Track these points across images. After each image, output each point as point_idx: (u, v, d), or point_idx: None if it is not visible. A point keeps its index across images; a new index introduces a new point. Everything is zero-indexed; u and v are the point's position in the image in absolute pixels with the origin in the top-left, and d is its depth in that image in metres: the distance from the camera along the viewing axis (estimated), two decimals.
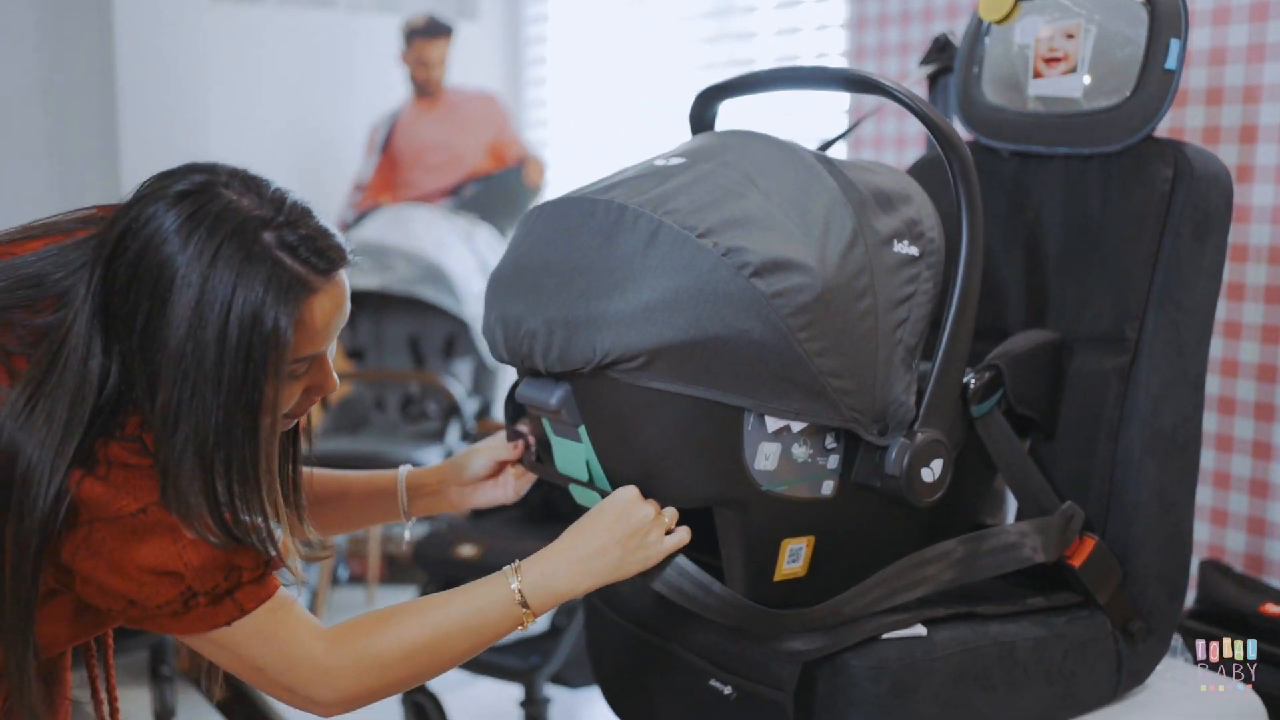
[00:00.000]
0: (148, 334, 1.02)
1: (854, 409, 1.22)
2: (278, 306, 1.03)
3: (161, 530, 1.03)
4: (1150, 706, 1.47)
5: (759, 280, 1.14)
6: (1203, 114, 2.11)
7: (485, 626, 1.16)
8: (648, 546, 1.22)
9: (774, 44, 3.40)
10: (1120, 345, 1.44)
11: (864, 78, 1.29)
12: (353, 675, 1.11)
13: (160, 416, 1.02)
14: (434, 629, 1.14)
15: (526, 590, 1.17)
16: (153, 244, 1.02)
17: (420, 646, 1.13)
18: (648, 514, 1.21)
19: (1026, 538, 1.36)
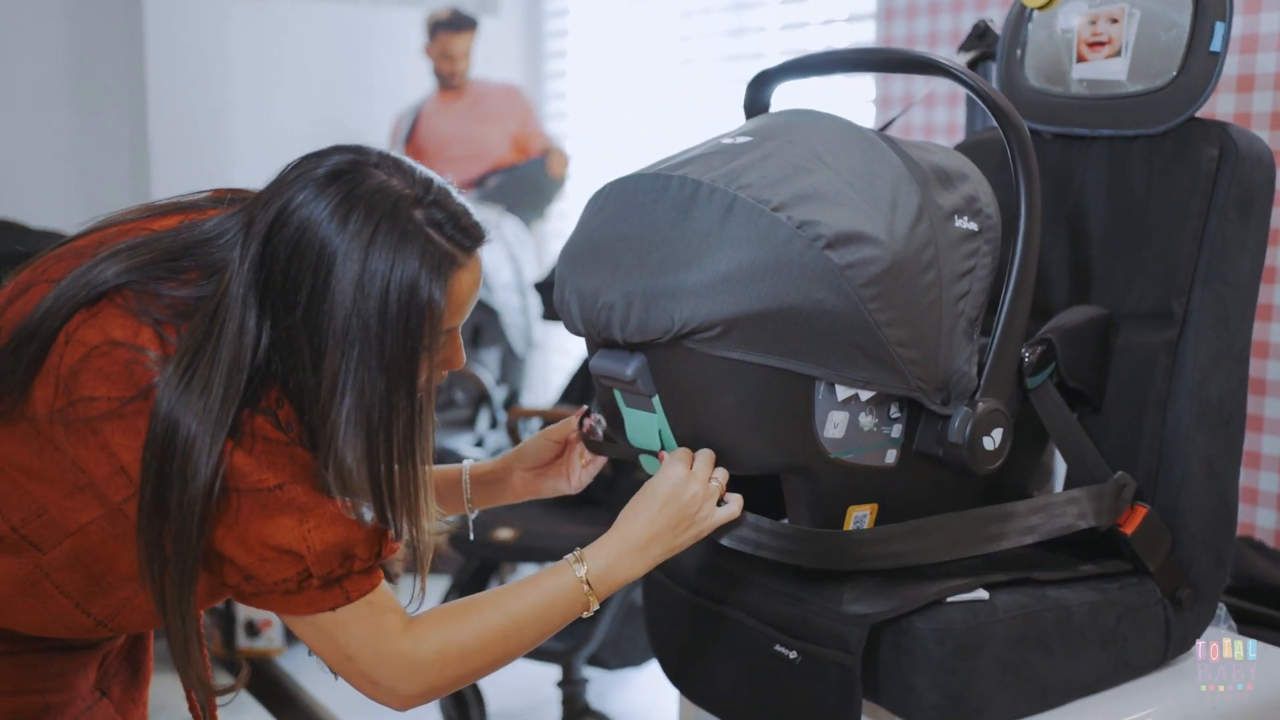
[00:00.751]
0: (311, 309, 1.06)
1: (920, 378, 1.27)
2: (431, 280, 1.08)
3: (293, 509, 1.06)
4: (1197, 673, 1.51)
5: (832, 252, 1.18)
6: (1234, 101, 2.15)
7: (554, 614, 1.20)
8: (700, 522, 1.26)
9: (799, 36, 3.44)
10: (1168, 320, 1.48)
11: (924, 59, 1.33)
12: (436, 668, 1.14)
13: (327, 386, 1.06)
14: (509, 618, 1.18)
15: (591, 578, 1.21)
16: (311, 224, 1.06)
17: (497, 636, 1.17)
18: (697, 492, 1.25)
19: (1081, 503, 1.41)
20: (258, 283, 1.07)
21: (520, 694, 2.97)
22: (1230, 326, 1.48)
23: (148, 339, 1.05)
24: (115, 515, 1.08)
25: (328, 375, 1.06)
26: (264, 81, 4.07)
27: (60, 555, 1.10)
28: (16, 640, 1.16)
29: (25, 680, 1.18)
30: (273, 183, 1.12)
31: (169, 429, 1.02)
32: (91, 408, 1.04)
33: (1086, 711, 1.40)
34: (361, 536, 1.10)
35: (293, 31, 4.16)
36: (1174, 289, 1.48)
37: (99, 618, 1.14)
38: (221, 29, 3.79)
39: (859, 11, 3.22)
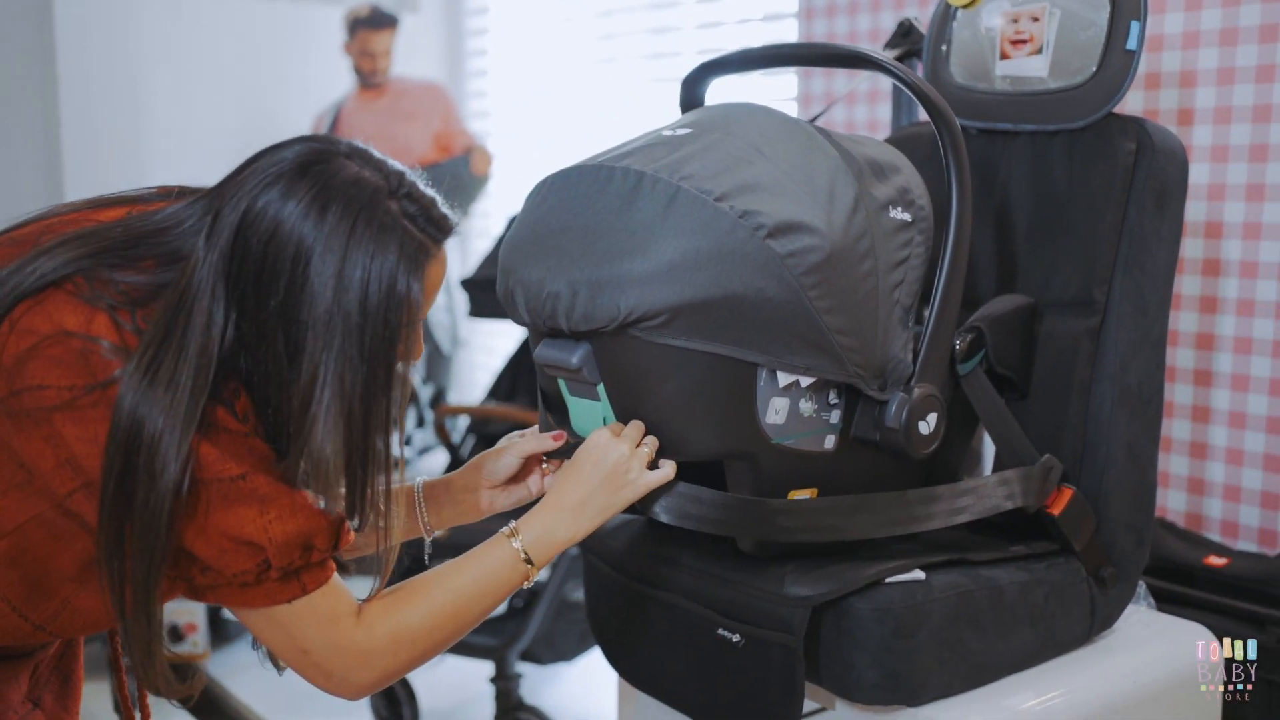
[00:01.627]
0: (289, 301, 1.05)
1: (858, 365, 1.30)
2: (409, 273, 1.08)
3: (254, 500, 1.05)
4: (1119, 649, 1.57)
5: (773, 241, 1.21)
6: (1176, 96, 2.22)
7: (497, 586, 1.21)
8: (632, 482, 1.26)
9: (723, 35, 3.47)
10: (1090, 308, 1.54)
11: (863, 54, 1.36)
12: (389, 654, 1.14)
13: (306, 378, 1.05)
14: (454, 596, 1.18)
15: (528, 547, 1.22)
16: (288, 216, 1.05)
17: (445, 615, 1.17)
18: (623, 451, 1.26)
19: (1010, 485, 1.45)
20: (227, 274, 1.06)
21: (453, 691, 2.97)
22: (1148, 314, 1.54)
23: (102, 326, 1.03)
24: (53, 513, 1.05)
25: (307, 367, 1.05)
26: (179, 78, 3.99)
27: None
28: None
29: None
30: (235, 173, 1.11)
31: (134, 424, 1.00)
32: (41, 397, 1.01)
33: (1017, 687, 1.45)
34: (321, 527, 1.09)
35: (209, 27, 4.09)
36: (1095, 278, 1.54)
37: (37, 621, 1.11)
38: (134, 24, 3.71)
39: (778, 11, 3.26)
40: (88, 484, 1.03)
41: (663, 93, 3.70)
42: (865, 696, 1.35)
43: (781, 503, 1.33)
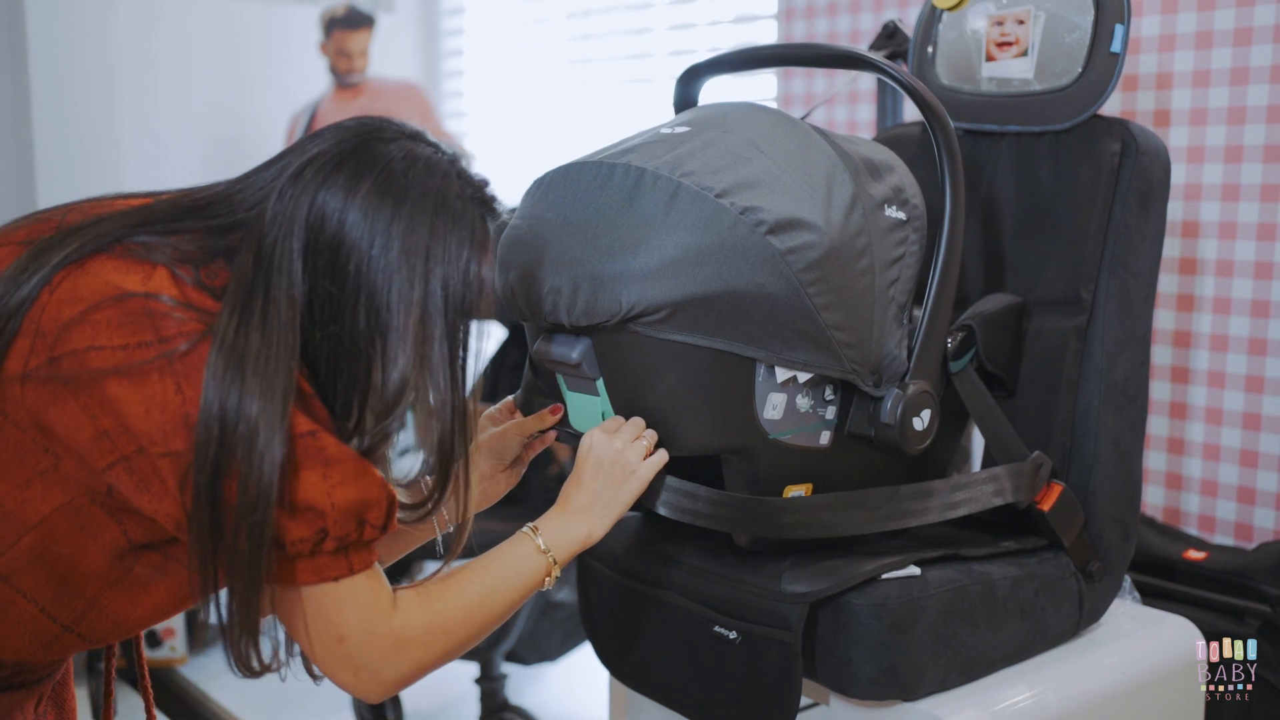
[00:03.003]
0: (370, 286, 1.05)
1: (854, 361, 1.32)
2: (479, 256, 1.10)
3: (320, 460, 1.01)
4: (1107, 642, 1.59)
5: (773, 237, 1.22)
6: (1153, 98, 2.26)
7: (522, 582, 1.20)
8: (634, 473, 1.27)
9: (703, 36, 3.49)
10: (1077, 306, 1.56)
11: (858, 55, 1.38)
12: (424, 645, 1.10)
13: (393, 359, 1.05)
14: (484, 590, 1.16)
15: (550, 545, 1.23)
16: (362, 200, 1.06)
17: (475, 608, 1.15)
18: (616, 446, 1.27)
19: (1001, 481, 1.47)
20: (305, 250, 1.05)
21: (437, 692, 2.97)
22: (1134, 312, 1.57)
23: (163, 281, 1.00)
24: (83, 499, 1.01)
25: (396, 347, 1.05)
26: (153, 78, 3.96)
27: (20, 554, 1.02)
28: None
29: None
30: (293, 149, 1.10)
31: (226, 408, 0.97)
32: (88, 360, 0.96)
33: (1008, 681, 1.47)
34: (378, 499, 1.05)
35: (184, 27, 4.06)
36: (1082, 277, 1.56)
37: (65, 621, 1.06)
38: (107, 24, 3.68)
39: (754, 13, 3.28)
40: (129, 457, 0.98)
41: (638, 93, 3.71)
42: (862, 691, 1.37)
43: (780, 501, 1.34)
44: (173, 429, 0.97)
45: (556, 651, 2.80)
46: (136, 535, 1.04)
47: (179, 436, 0.97)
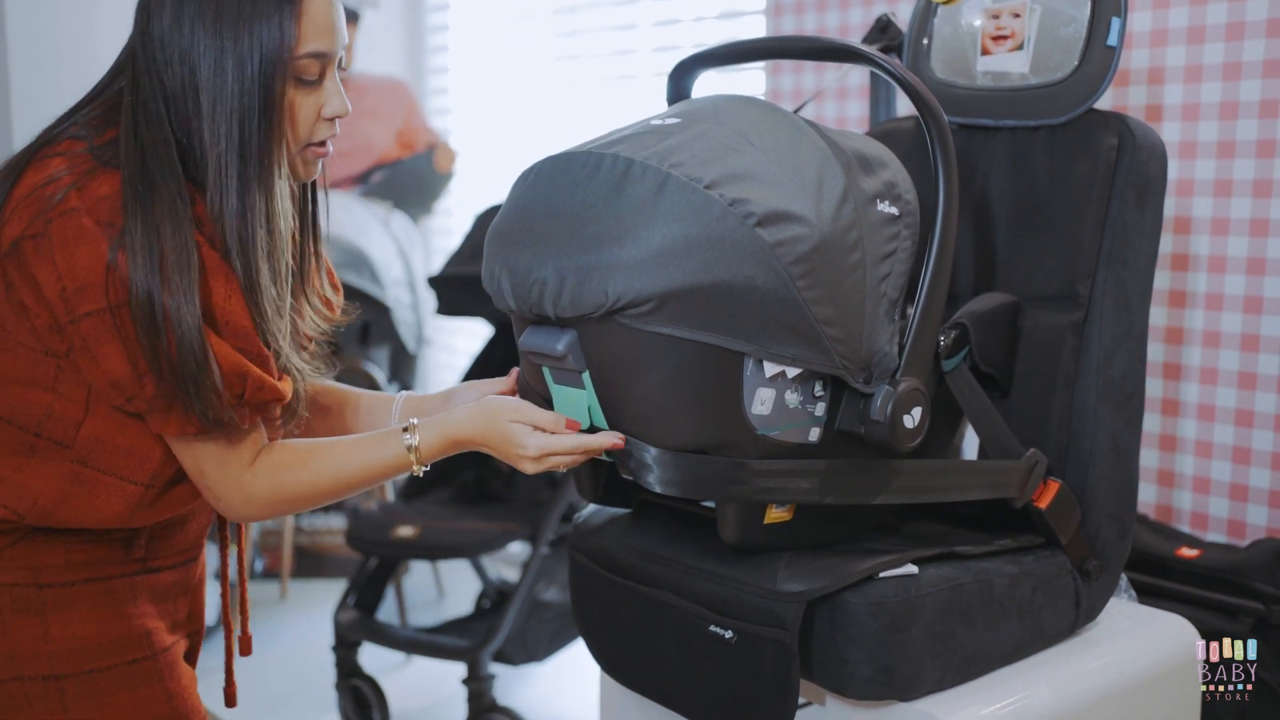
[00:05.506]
0: (200, 97, 1.21)
1: (844, 357, 1.30)
2: (280, 8, 1.21)
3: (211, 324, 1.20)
4: (1103, 641, 1.58)
5: (762, 230, 1.20)
6: (1145, 93, 2.25)
7: (379, 476, 1.33)
8: (514, 461, 1.33)
9: (689, 32, 3.47)
10: (1073, 302, 1.55)
11: (849, 47, 1.36)
12: (266, 504, 1.28)
13: (212, 134, 1.21)
14: (338, 475, 1.30)
15: (421, 446, 1.32)
16: (172, 24, 1.22)
17: (324, 491, 1.31)
18: (521, 443, 1.31)
19: (993, 474, 1.46)
20: (152, 94, 1.23)
21: (424, 692, 2.95)
22: (1130, 308, 1.55)
23: (57, 166, 1.19)
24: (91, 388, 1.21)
25: (219, 122, 1.21)
26: None
27: (85, 441, 1.21)
28: (95, 564, 1.28)
29: (119, 605, 1.30)
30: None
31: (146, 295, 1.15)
32: (21, 247, 1.17)
33: (1005, 680, 1.45)
34: (254, 370, 1.21)
35: None
36: (1078, 272, 1.55)
37: (143, 480, 1.24)
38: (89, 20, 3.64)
39: (743, 8, 3.27)
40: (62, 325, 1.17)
41: (624, 90, 3.69)
42: (859, 691, 1.35)
43: (761, 464, 1.31)
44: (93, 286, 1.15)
45: (544, 652, 2.78)
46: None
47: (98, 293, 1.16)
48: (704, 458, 1.29)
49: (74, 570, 1.28)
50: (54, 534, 1.27)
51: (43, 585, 1.27)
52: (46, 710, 1.27)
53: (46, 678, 1.26)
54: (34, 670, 1.26)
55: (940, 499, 1.44)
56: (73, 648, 1.27)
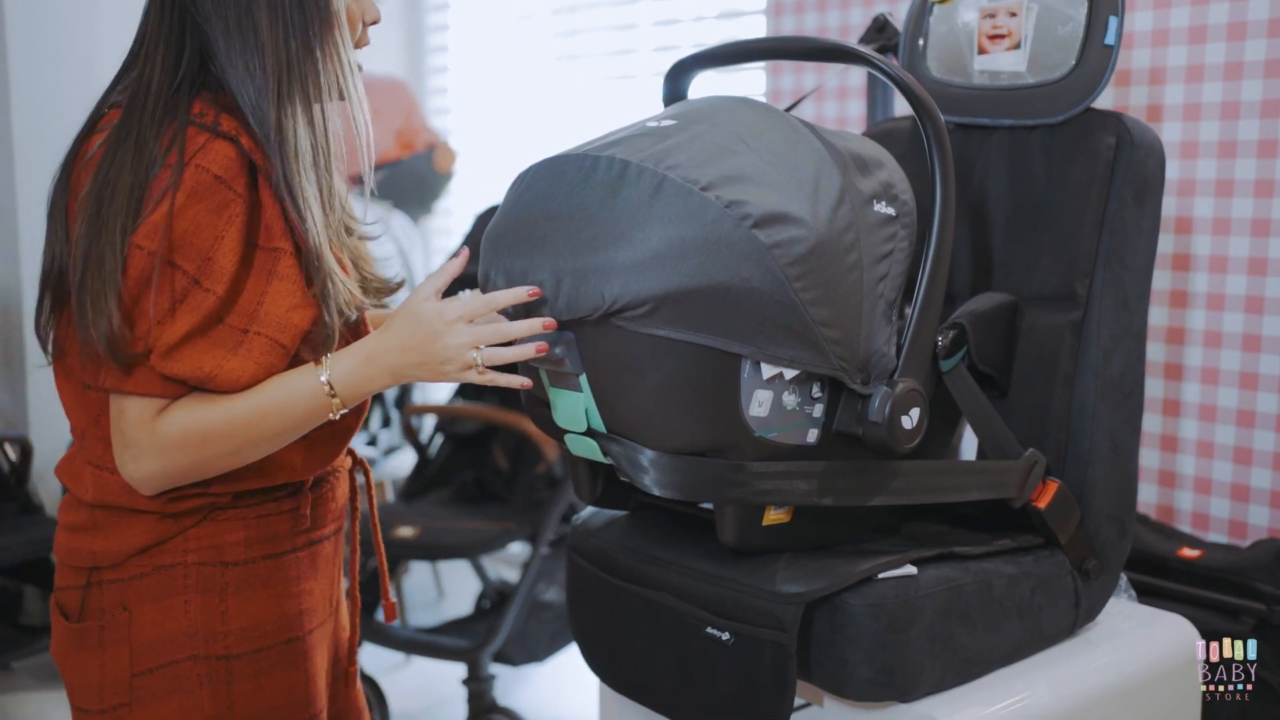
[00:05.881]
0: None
1: (842, 358, 1.29)
2: None
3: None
4: (1103, 641, 1.57)
5: (759, 231, 1.20)
6: (1146, 93, 2.24)
7: (297, 411, 1.22)
8: (442, 362, 1.23)
9: (688, 32, 3.46)
10: (1072, 301, 1.54)
11: (845, 48, 1.36)
12: (177, 448, 1.19)
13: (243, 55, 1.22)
14: (255, 408, 1.21)
15: (334, 381, 1.23)
16: None
17: (241, 424, 1.20)
18: (447, 318, 1.22)
19: (992, 474, 1.46)
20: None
21: (425, 693, 2.94)
22: (1129, 306, 1.55)
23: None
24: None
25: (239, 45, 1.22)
26: None
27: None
28: (271, 539, 1.32)
29: (287, 583, 1.33)
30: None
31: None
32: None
33: (1005, 680, 1.45)
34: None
35: None
36: (1077, 271, 1.54)
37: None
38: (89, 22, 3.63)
39: (743, 8, 3.26)
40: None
41: (623, 89, 3.69)
42: (858, 693, 1.35)
43: (759, 466, 1.29)
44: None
45: (544, 652, 2.77)
46: None
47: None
48: (702, 460, 1.28)
49: (253, 547, 1.31)
50: (234, 512, 1.30)
51: (226, 564, 1.30)
52: (212, 692, 1.29)
53: (220, 657, 1.29)
54: (210, 650, 1.28)
55: (939, 500, 1.44)
56: (246, 626, 1.30)
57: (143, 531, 1.28)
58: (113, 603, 1.28)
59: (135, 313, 1.17)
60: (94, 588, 1.29)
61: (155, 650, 1.28)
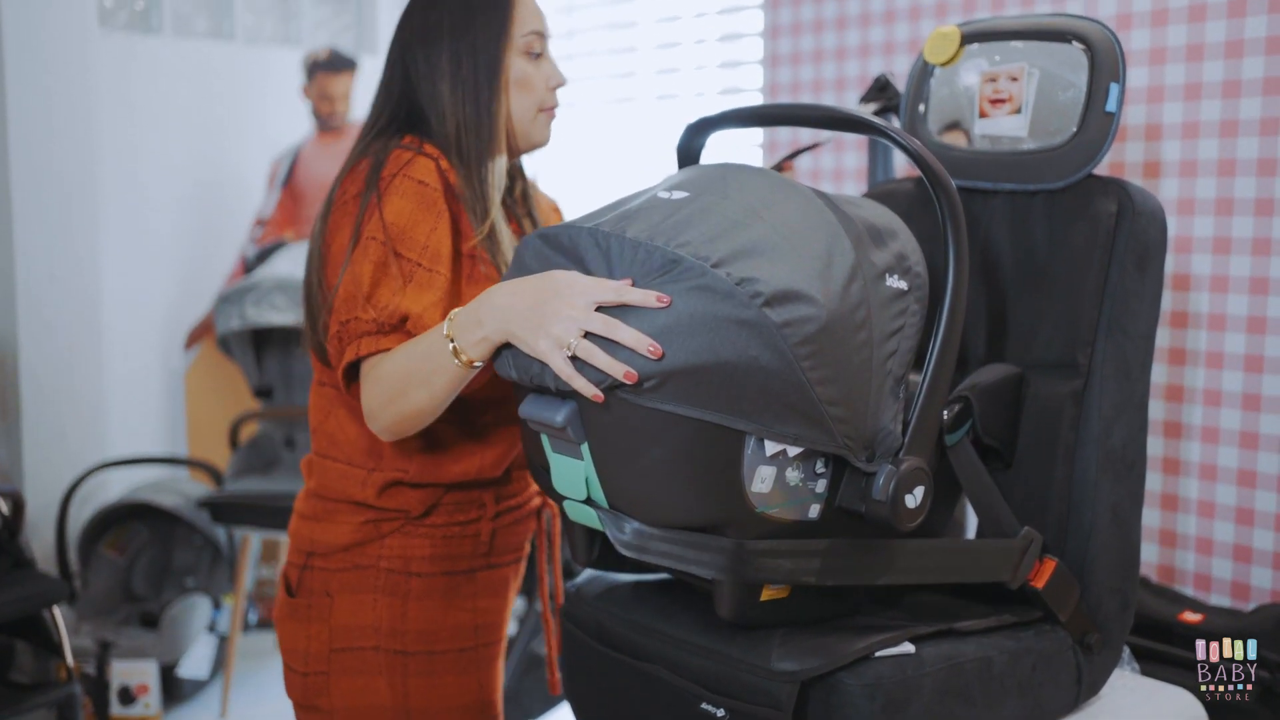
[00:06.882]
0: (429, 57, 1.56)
1: (847, 436, 1.27)
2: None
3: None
4: (1106, 716, 1.54)
5: (770, 310, 1.18)
6: (1142, 149, 2.23)
7: (430, 362, 1.36)
8: (550, 326, 1.23)
9: (689, 79, 3.47)
10: (1073, 371, 1.52)
11: (862, 119, 1.34)
12: (380, 409, 1.42)
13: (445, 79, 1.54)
14: (408, 359, 1.38)
15: (454, 334, 1.34)
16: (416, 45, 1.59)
17: (400, 378, 1.38)
18: (583, 284, 1.24)
19: (988, 552, 1.43)
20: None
21: None
22: (1131, 376, 1.53)
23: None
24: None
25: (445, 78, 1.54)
26: (133, 119, 3.92)
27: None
28: (452, 558, 1.57)
29: (462, 598, 1.58)
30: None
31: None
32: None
33: None
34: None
35: (166, 71, 4.03)
36: (1078, 340, 1.52)
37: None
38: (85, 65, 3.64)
39: (745, 57, 3.27)
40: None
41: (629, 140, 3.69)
42: None
43: (760, 544, 1.27)
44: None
45: (540, 709, 2.74)
46: None
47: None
48: (702, 537, 1.26)
49: (436, 563, 1.56)
50: (425, 529, 1.56)
51: (411, 574, 1.55)
52: (389, 680, 1.55)
53: (397, 652, 1.54)
54: (390, 644, 1.54)
55: (937, 580, 1.41)
56: (422, 630, 1.55)
57: (349, 530, 1.55)
58: (320, 587, 1.56)
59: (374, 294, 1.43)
60: (308, 570, 1.57)
61: (349, 634, 1.54)
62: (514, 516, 1.64)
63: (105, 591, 3.42)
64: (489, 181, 1.53)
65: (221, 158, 4.19)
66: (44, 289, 3.55)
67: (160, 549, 3.55)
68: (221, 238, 4.16)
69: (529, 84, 1.57)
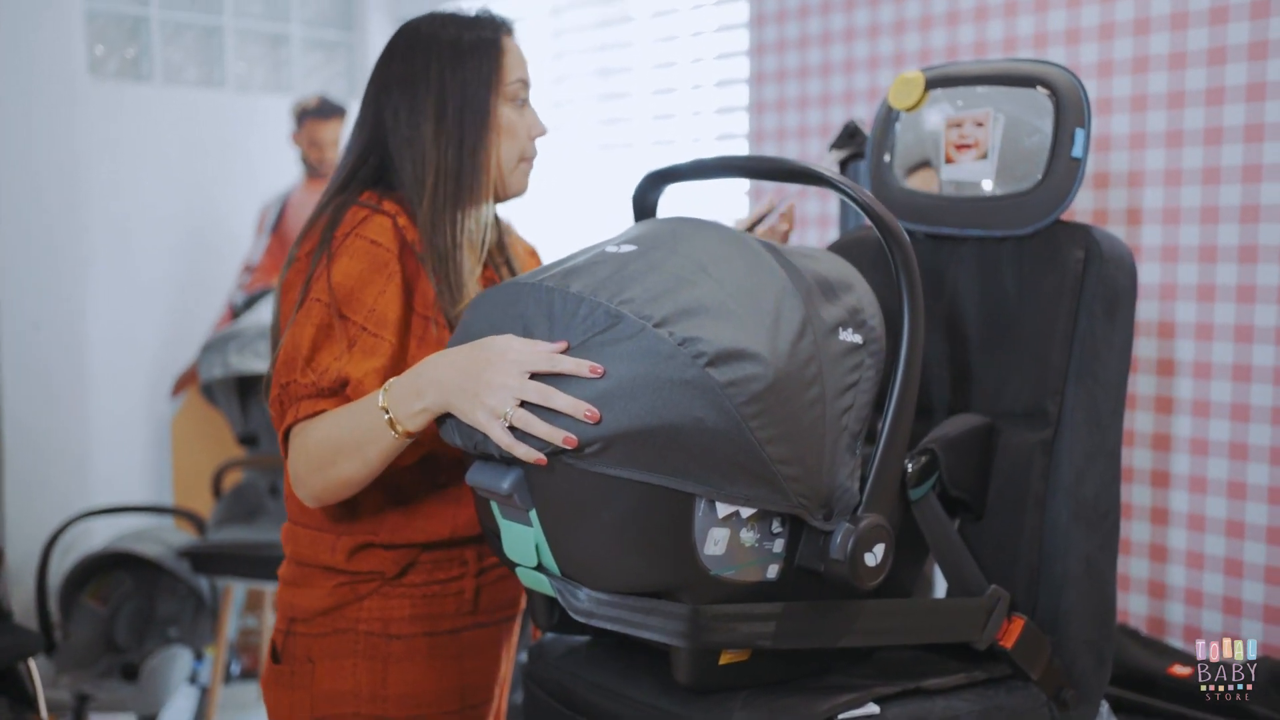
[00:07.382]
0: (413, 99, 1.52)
1: (801, 495, 1.23)
2: (484, 43, 1.53)
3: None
4: None
5: (714, 370, 1.15)
6: (1125, 195, 2.21)
7: (362, 431, 1.34)
8: (486, 394, 1.21)
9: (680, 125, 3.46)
10: (1043, 419, 1.49)
11: (807, 170, 1.32)
12: (309, 473, 1.39)
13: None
14: (337, 427, 1.36)
15: (390, 405, 1.32)
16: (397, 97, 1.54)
17: (330, 445, 1.36)
18: (520, 350, 1.20)
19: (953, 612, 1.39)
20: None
21: None
22: (1102, 424, 1.49)
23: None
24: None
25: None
26: (123, 169, 3.93)
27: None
28: (433, 618, 1.52)
29: (446, 660, 1.53)
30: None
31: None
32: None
33: None
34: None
35: (155, 119, 4.04)
36: (1047, 388, 1.49)
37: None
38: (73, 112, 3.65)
39: (729, 104, 3.26)
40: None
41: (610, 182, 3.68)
42: None
43: (715, 609, 1.23)
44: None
45: None
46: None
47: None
48: (656, 603, 1.22)
49: (417, 623, 1.52)
50: (403, 589, 1.51)
51: (390, 636, 1.51)
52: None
53: (378, 718, 1.50)
54: (370, 711, 1.50)
55: (899, 641, 1.37)
56: (404, 694, 1.51)
57: (325, 594, 1.51)
58: (302, 653, 1.52)
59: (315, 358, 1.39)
60: (291, 635, 1.54)
61: (331, 701, 1.50)
62: (501, 572, 1.58)
63: (87, 642, 3.38)
64: (460, 229, 1.49)
65: (210, 205, 4.19)
66: (29, 336, 3.54)
67: (144, 599, 3.51)
68: (210, 284, 4.15)
69: (514, 132, 1.56)
